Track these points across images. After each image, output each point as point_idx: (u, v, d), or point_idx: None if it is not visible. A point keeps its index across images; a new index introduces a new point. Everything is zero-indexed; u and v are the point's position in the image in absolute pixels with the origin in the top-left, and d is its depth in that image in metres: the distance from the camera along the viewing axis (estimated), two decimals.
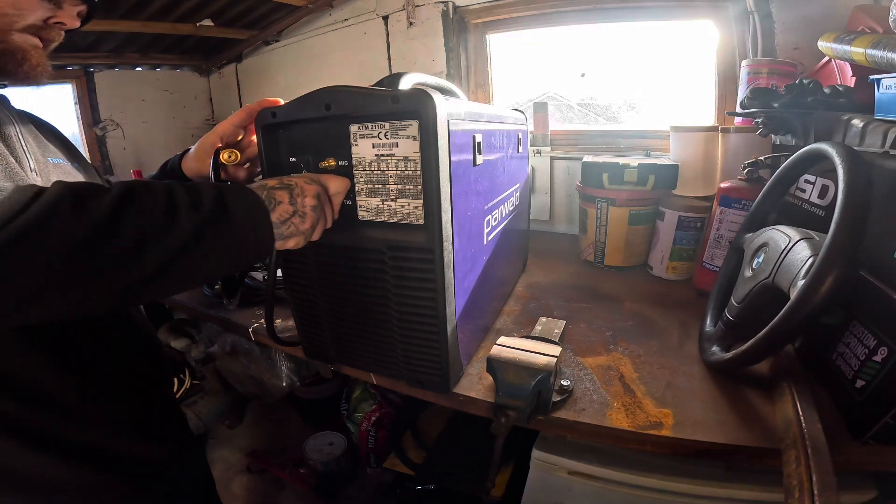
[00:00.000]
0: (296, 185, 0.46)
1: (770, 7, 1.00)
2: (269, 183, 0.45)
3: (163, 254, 0.35)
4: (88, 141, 1.84)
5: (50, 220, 0.31)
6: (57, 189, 0.32)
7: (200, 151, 0.61)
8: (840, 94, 0.68)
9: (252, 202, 0.42)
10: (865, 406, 0.49)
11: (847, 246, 0.44)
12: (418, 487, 1.08)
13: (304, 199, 0.46)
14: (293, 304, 0.66)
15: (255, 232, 0.41)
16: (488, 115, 0.66)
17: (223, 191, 0.40)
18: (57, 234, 0.31)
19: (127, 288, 0.35)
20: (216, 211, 0.38)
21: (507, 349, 0.55)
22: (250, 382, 1.15)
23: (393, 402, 1.30)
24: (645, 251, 1.06)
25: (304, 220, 0.46)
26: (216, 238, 0.38)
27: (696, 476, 0.59)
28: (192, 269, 0.38)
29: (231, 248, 0.40)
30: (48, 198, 0.31)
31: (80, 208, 0.32)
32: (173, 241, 0.35)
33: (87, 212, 0.32)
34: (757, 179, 0.81)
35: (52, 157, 0.54)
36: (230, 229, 0.39)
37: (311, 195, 0.47)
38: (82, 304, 0.34)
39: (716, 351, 0.63)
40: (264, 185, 0.45)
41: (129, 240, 0.33)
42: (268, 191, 0.44)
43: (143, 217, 0.35)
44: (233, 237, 0.40)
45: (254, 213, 0.42)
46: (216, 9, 1.58)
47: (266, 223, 0.43)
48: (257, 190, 0.44)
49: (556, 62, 1.48)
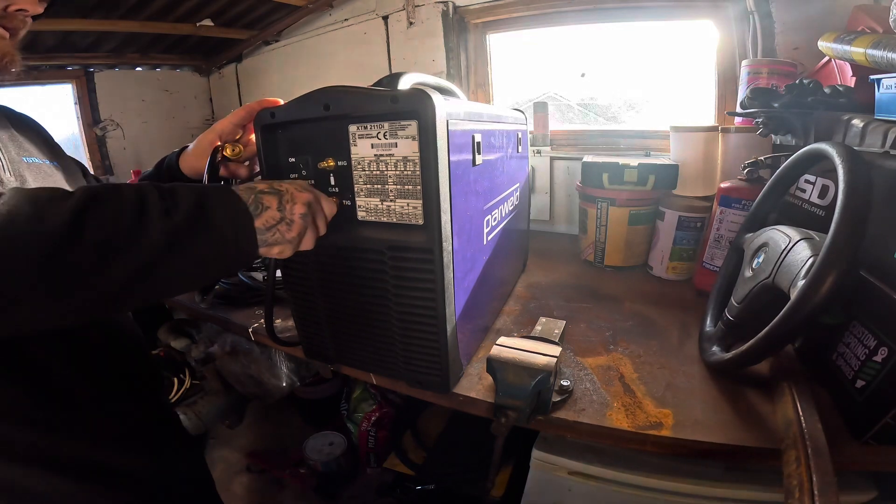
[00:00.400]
0: (286, 192, 0.44)
1: (770, 7, 1.00)
2: (258, 186, 0.43)
3: (131, 263, 0.33)
4: (88, 141, 1.84)
5: (5, 231, 0.29)
6: (11, 197, 0.30)
7: (199, 149, 0.60)
8: (840, 94, 0.68)
9: (235, 206, 0.40)
10: (865, 406, 0.49)
11: (847, 246, 0.44)
12: (418, 487, 1.09)
13: (293, 207, 0.44)
14: (293, 304, 0.66)
15: (237, 239, 0.39)
16: (488, 114, 0.66)
17: (203, 194, 0.38)
18: (12, 247, 0.29)
19: (92, 300, 0.33)
20: (192, 216, 0.36)
21: (506, 349, 0.55)
22: (250, 382, 1.15)
23: (393, 402, 1.30)
24: (645, 251, 1.06)
25: (291, 228, 0.44)
26: (192, 245, 0.36)
27: (695, 476, 0.59)
28: (168, 277, 0.36)
29: (210, 255, 0.38)
30: (1, 208, 0.29)
31: (37, 218, 0.30)
32: (142, 250, 0.33)
33: (44, 221, 0.30)
34: (757, 179, 0.80)
35: (28, 156, 0.52)
36: (208, 236, 0.37)
37: (302, 202, 0.45)
38: (47, 317, 0.32)
39: (716, 351, 0.62)
40: (252, 189, 0.43)
41: (91, 250, 0.31)
42: (255, 195, 0.42)
43: (107, 224, 0.32)
44: (211, 244, 0.38)
45: (237, 219, 0.40)
46: (216, 9, 1.58)
47: (249, 229, 0.40)
48: (244, 193, 0.42)
49: (556, 62, 1.48)
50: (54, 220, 0.31)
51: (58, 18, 1.35)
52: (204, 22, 1.61)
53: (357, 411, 1.31)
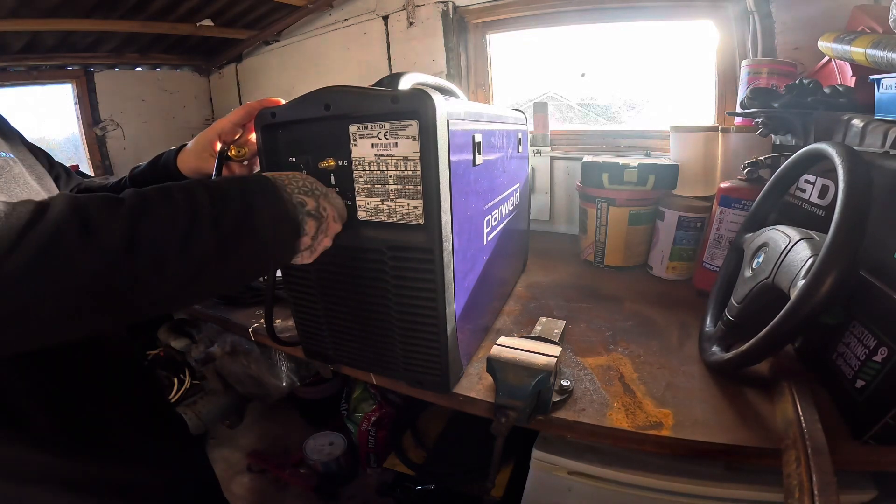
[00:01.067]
0: (324, 219, 0.45)
1: (770, 7, 1.00)
2: (308, 204, 0.43)
3: (183, 273, 0.33)
4: (88, 141, 1.84)
5: (56, 251, 0.27)
6: (59, 210, 0.28)
7: (199, 148, 0.60)
8: (840, 94, 0.68)
9: (281, 225, 0.41)
10: (865, 406, 0.49)
11: (847, 246, 0.44)
12: (418, 487, 1.08)
13: (323, 239, 0.45)
14: (293, 304, 0.66)
15: (277, 255, 0.42)
16: (488, 114, 0.66)
17: (249, 204, 0.38)
18: (65, 268, 0.27)
19: (137, 309, 0.33)
20: (240, 227, 0.37)
21: (506, 349, 0.55)
22: (250, 382, 1.15)
23: (393, 402, 1.30)
24: (645, 251, 1.06)
25: (312, 255, 0.45)
26: (237, 256, 0.37)
27: (695, 476, 0.59)
28: (211, 282, 0.37)
29: (251, 264, 0.40)
30: (48, 225, 0.27)
31: (89, 235, 0.29)
32: (194, 260, 0.34)
33: (97, 238, 0.29)
34: (757, 179, 0.80)
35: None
36: (252, 246, 0.38)
37: (332, 236, 0.46)
38: (88, 328, 0.32)
39: (716, 351, 0.63)
40: (303, 204, 0.43)
41: (146, 262, 0.31)
42: (303, 214, 0.43)
43: (161, 235, 0.32)
44: (254, 256, 0.39)
45: (280, 236, 0.41)
46: (216, 9, 1.58)
47: (290, 251, 0.42)
48: (291, 208, 0.42)
49: (556, 62, 1.48)
50: (108, 234, 0.29)
51: (58, 18, 1.35)
52: (204, 22, 1.61)
53: (357, 411, 1.31)
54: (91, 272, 0.29)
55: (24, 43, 1.50)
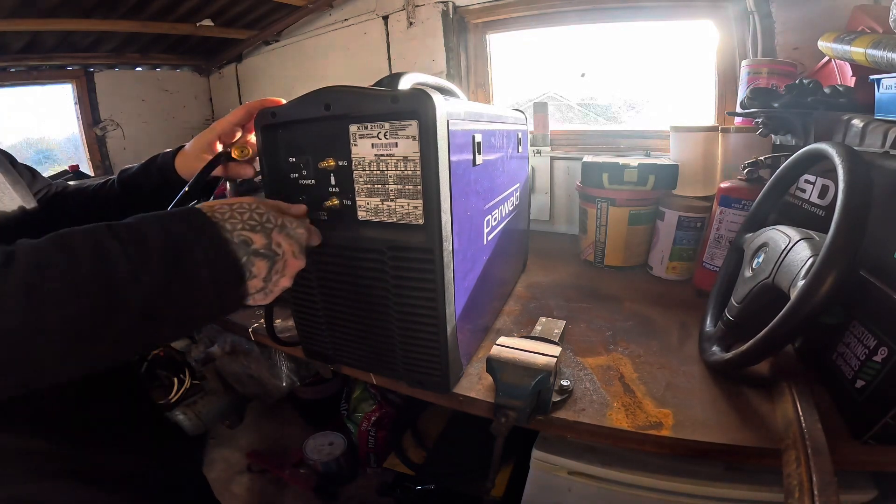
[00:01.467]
0: (279, 258, 0.39)
1: (770, 7, 1.00)
2: (255, 242, 0.38)
3: (103, 347, 0.29)
4: (88, 141, 1.83)
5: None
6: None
7: (198, 150, 0.59)
8: (840, 94, 0.68)
9: (221, 272, 0.35)
10: (865, 406, 0.49)
11: (847, 246, 0.44)
12: (418, 487, 1.08)
13: (279, 280, 0.40)
14: (293, 304, 0.66)
15: (218, 307, 0.36)
16: (488, 114, 0.66)
17: (180, 249, 0.32)
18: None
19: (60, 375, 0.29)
20: (167, 284, 0.31)
21: (506, 349, 0.55)
22: (250, 382, 1.15)
23: (393, 402, 1.30)
24: (645, 251, 1.06)
25: (268, 296, 0.40)
26: (163, 318, 0.32)
27: (695, 476, 0.59)
28: (143, 345, 0.34)
29: (188, 320, 0.36)
30: None
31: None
32: (115, 330, 0.29)
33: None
34: (757, 179, 0.80)
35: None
36: (186, 303, 0.33)
37: (290, 276, 0.41)
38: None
39: (716, 351, 0.63)
40: (247, 243, 0.37)
41: (56, 348, 0.27)
42: (249, 255, 0.37)
43: (66, 313, 0.27)
44: (189, 310, 0.34)
45: (221, 285, 0.35)
46: (216, 9, 1.58)
47: (234, 301, 0.37)
48: (237, 249, 0.36)
49: (556, 62, 1.48)
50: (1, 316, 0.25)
51: (58, 18, 1.36)
52: (204, 22, 1.62)
53: (357, 411, 1.31)
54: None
55: (24, 43, 1.50)
